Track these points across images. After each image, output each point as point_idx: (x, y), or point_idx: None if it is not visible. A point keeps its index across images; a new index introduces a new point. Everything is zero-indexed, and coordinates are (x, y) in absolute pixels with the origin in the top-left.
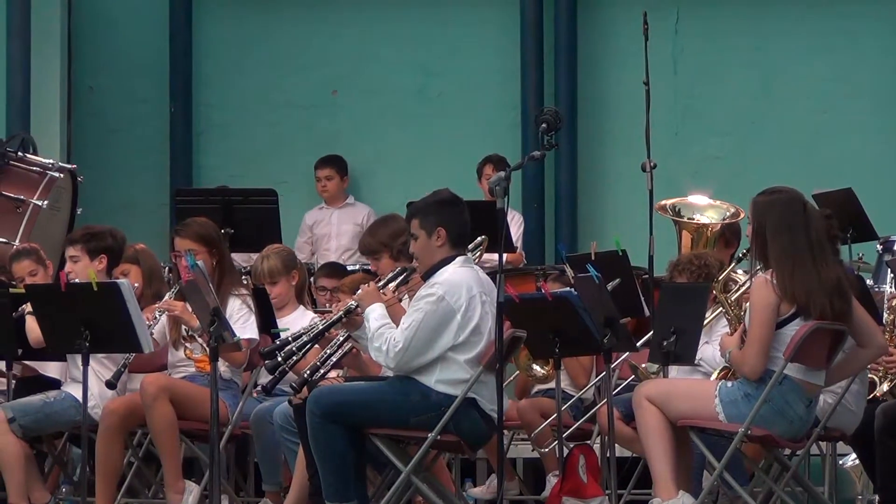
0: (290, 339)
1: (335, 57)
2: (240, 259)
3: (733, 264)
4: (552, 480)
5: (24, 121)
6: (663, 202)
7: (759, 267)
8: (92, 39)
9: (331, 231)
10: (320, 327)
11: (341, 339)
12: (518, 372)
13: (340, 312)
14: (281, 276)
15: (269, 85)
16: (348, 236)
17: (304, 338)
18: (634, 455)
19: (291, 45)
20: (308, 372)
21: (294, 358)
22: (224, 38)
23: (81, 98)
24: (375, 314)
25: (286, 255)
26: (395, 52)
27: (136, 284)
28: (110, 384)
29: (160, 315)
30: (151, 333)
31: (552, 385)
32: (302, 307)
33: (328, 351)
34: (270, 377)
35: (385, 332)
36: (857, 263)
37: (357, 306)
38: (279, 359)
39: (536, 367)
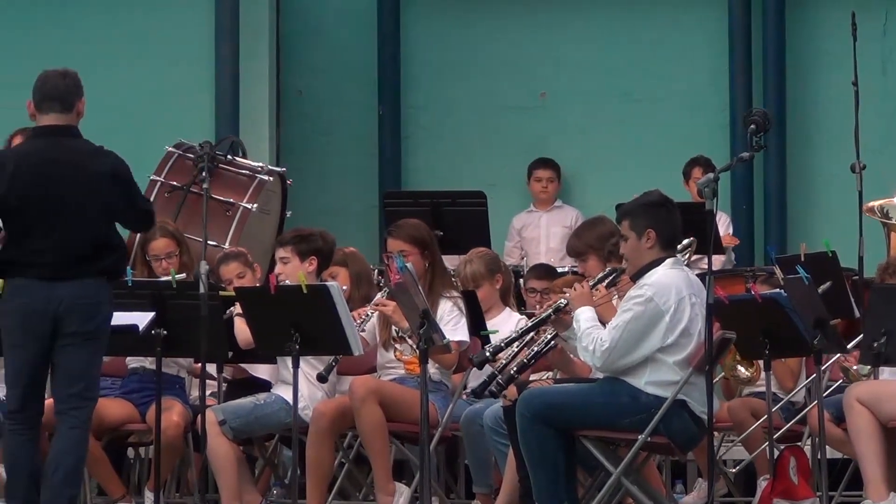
0: (502, 344)
1: (543, 59)
2: (448, 262)
3: None
4: (762, 485)
5: (233, 124)
6: (871, 203)
7: None
8: (301, 43)
9: (540, 234)
10: (529, 325)
11: (549, 337)
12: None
13: (550, 310)
14: (484, 281)
15: (477, 87)
16: (558, 238)
17: (515, 344)
18: (845, 457)
19: (500, 47)
20: (515, 369)
21: (505, 362)
22: (432, 40)
23: (290, 101)
24: (585, 316)
25: (489, 259)
26: (602, 54)
27: (344, 287)
28: (321, 377)
29: (371, 314)
30: (362, 331)
31: (761, 387)
32: (508, 309)
33: (535, 348)
34: (481, 380)
35: (593, 332)
36: None
37: (567, 304)
38: (490, 362)
39: (741, 369)
